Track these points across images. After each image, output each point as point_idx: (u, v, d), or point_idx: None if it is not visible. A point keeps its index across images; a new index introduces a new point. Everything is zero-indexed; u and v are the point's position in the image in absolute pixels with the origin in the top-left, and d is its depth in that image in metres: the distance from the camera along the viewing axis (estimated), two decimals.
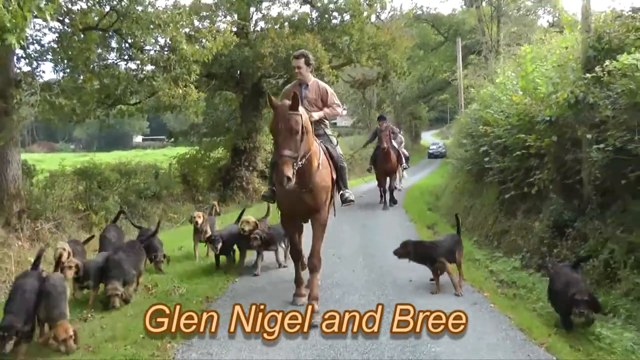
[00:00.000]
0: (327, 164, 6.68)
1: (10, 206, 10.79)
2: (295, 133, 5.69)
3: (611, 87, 7.35)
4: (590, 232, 7.76)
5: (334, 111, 7.23)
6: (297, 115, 5.73)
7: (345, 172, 7.17)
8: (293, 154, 5.65)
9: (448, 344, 4.97)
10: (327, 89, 7.23)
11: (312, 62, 7.27)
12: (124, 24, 11.31)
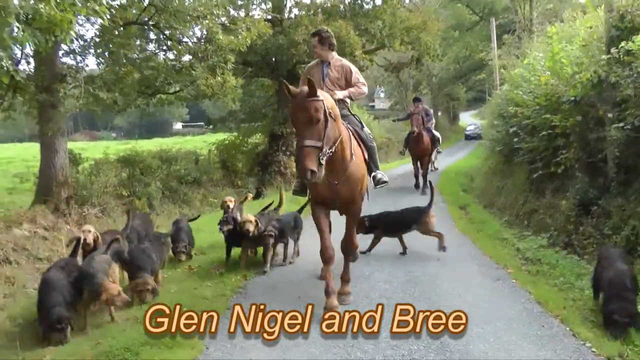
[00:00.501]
0: (358, 149, 6.24)
1: (58, 193, 11.35)
2: (317, 121, 5.16)
3: (632, 66, 7.54)
4: (614, 210, 7.98)
5: (359, 90, 6.78)
6: (317, 101, 5.19)
7: (375, 152, 6.79)
8: (316, 143, 5.13)
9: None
10: (350, 68, 6.84)
11: (328, 39, 6.73)
12: (162, 18, 11.79)
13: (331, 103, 5.51)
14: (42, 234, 10.10)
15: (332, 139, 5.36)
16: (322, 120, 5.19)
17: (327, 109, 5.26)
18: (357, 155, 6.08)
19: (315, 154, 5.09)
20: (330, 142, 5.33)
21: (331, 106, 5.44)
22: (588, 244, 8.14)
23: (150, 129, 66.09)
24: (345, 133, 5.85)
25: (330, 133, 5.30)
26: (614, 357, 4.40)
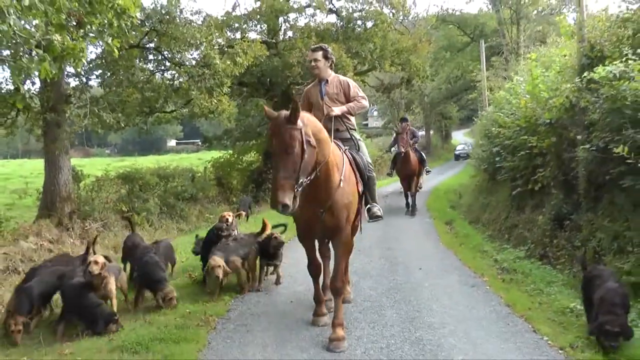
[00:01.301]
0: (352, 176, 5.87)
1: (62, 208, 11.94)
2: (292, 150, 4.80)
3: (598, 93, 8.20)
4: (584, 224, 8.58)
5: (358, 104, 6.40)
6: (294, 129, 4.80)
7: (373, 183, 6.40)
8: (290, 175, 4.81)
9: (441, 314, 5.98)
10: (349, 82, 6.54)
11: (331, 57, 6.56)
12: (163, 42, 12.48)
13: (315, 128, 5.17)
14: (47, 247, 10.65)
15: (309, 168, 5.05)
16: (299, 150, 4.83)
17: (305, 137, 4.88)
18: (348, 182, 5.72)
19: (289, 186, 4.79)
20: (307, 171, 5.02)
21: (315, 132, 5.12)
22: (560, 255, 8.73)
23: (144, 146, 66.58)
24: (335, 158, 5.55)
25: (308, 162, 4.96)
26: (565, 347, 5.01)
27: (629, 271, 6.72)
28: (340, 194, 5.53)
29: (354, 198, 5.82)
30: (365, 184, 6.21)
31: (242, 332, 5.78)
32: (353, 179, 5.88)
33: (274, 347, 5.37)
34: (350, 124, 6.55)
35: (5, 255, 9.47)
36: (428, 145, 54.00)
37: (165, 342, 5.35)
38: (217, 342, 5.51)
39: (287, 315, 6.41)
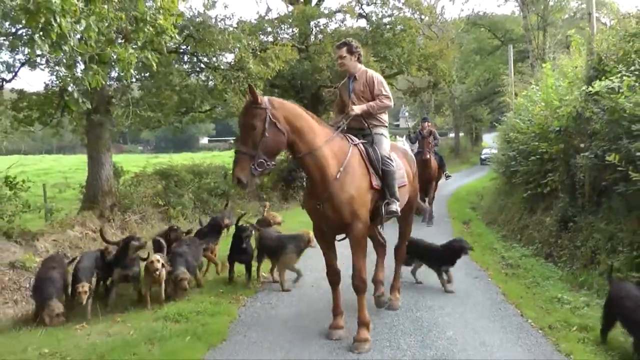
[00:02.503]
0: (359, 169, 5.66)
1: (103, 201, 12.87)
2: (252, 128, 5.04)
3: (600, 104, 8.88)
4: (585, 225, 9.27)
5: (379, 103, 6.15)
6: (257, 108, 5.09)
7: (392, 178, 5.88)
8: (249, 150, 5.02)
9: (441, 299, 6.79)
10: (374, 78, 6.26)
11: (357, 50, 6.32)
12: (199, 47, 13.41)
13: (289, 114, 5.32)
14: (91, 236, 11.59)
15: (273, 149, 5.19)
16: (260, 129, 5.04)
17: (272, 118, 5.10)
18: (352, 175, 5.57)
19: (246, 162, 4.99)
20: (270, 152, 5.15)
21: (289, 118, 5.28)
22: (563, 254, 9.43)
23: (177, 143, 67.62)
24: (332, 150, 5.52)
25: (270, 142, 5.10)
26: (545, 327, 5.81)
27: (619, 268, 7.36)
28: (339, 186, 5.41)
29: (360, 192, 5.56)
30: (382, 178, 5.84)
31: (268, 309, 6.73)
32: (360, 172, 5.65)
33: (295, 321, 6.28)
34: (374, 122, 6.26)
35: (54, 241, 10.42)
36: (457, 148, 54.34)
37: (202, 314, 6.32)
38: (245, 316, 6.48)
39: (308, 295, 7.29)
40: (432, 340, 5.59)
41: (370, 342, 5.48)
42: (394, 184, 5.87)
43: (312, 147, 5.37)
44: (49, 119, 12.94)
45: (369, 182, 5.68)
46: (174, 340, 5.55)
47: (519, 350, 5.26)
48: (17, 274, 8.49)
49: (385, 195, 5.83)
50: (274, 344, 5.59)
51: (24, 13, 5.12)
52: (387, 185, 5.83)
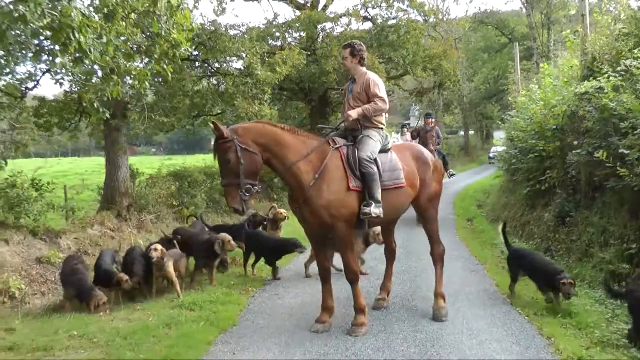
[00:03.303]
0: (337, 173, 5.90)
1: (121, 201, 13.39)
2: (228, 162, 5.52)
3: (592, 103, 9.28)
4: (580, 220, 9.70)
5: (374, 106, 6.19)
6: (225, 143, 5.53)
7: (371, 179, 5.92)
8: (232, 180, 5.54)
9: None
10: (370, 81, 6.30)
11: (359, 53, 6.42)
12: (210, 54, 13.94)
13: (256, 135, 5.71)
14: (110, 234, 12.14)
15: (253, 171, 5.64)
16: (234, 159, 5.50)
17: (241, 146, 5.54)
18: (329, 179, 5.85)
19: (234, 191, 5.52)
20: (252, 174, 5.63)
21: (256, 139, 5.68)
22: (560, 248, 9.86)
23: (189, 145, 68.16)
24: (305, 159, 5.83)
25: (248, 167, 5.56)
26: (531, 315, 6.29)
27: (610, 260, 7.82)
28: (315, 193, 5.76)
29: (337, 195, 5.82)
30: (362, 181, 5.97)
31: (275, 300, 7.28)
32: (338, 176, 5.89)
33: (299, 309, 6.84)
34: (366, 124, 6.32)
35: (76, 239, 10.96)
36: (466, 146, 54.55)
37: (215, 304, 6.91)
38: (254, 305, 7.06)
39: (312, 287, 7.75)
40: (424, 325, 6.10)
41: (366, 327, 5.94)
42: (372, 185, 5.91)
43: (285, 162, 5.80)
44: (68, 124, 13.46)
45: (346, 184, 5.87)
46: (190, 325, 6.13)
47: (504, 334, 5.72)
48: (44, 269, 9.04)
49: (364, 197, 5.94)
50: (279, 329, 6.13)
51: (49, 30, 5.65)
52: (367, 187, 5.93)
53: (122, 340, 5.76)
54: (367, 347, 5.52)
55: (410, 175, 6.44)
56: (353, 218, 5.90)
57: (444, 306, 6.41)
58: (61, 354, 5.56)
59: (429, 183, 6.66)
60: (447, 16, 39.15)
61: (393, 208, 6.26)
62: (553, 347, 5.32)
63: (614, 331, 5.71)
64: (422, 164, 6.68)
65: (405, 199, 6.43)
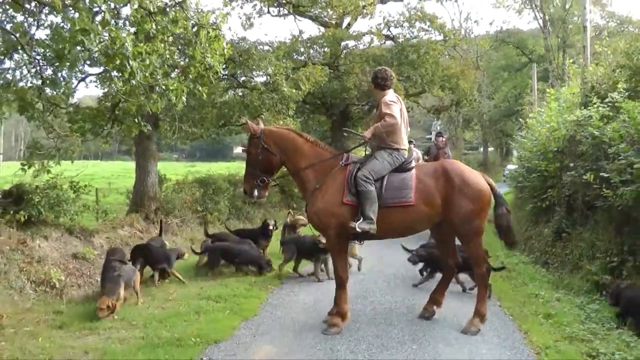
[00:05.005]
0: (333, 185, 6.55)
1: (149, 205, 14.23)
2: (250, 154, 6.75)
3: (586, 129, 10.09)
4: (575, 236, 10.51)
5: (383, 123, 6.48)
6: (253, 138, 6.76)
7: (365, 197, 6.33)
8: (252, 170, 6.74)
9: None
10: (381, 102, 6.69)
11: (375, 80, 6.89)
12: (238, 69, 14.94)
13: (278, 140, 6.75)
14: (138, 235, 13.05)
15: (269, 168, 6.80)
16: (255, 154, 6.72)
17: (264, 145, 6.68)
18: (326, 191, 6.53)
19: (250, 177, 6.81)
20: (268, 170, 6.80)
21: (278, 143, 6.74)
22: (555, 261, 10.67)
23: (211, 152, 68.99)
24: (313, 168, 6.67)
25: (265, 162, 6.72)
26: (515, 314, 7.22)
27: (595, 272, 8.62)
28: (312, 199, 6.62)
29: (329, 205, 6.48)
30: (357, 197, 6.43)
31: (291, 296, 8.24)
32: (335, 189, 6.52)
33: (312, 304, 7.78)
34: (382, 144, 6.70)
35: (107, 238, 11.87)
36: (485, 162, 55.10)
37: (238, 297, 7.91)
38: (273, 299, 8.02)
39: (325, 286, 8.62)
40: (419, 321, 7.03)
41: (338, 328, 6.52)
42: (365, 203, 6.29)
43: (296, 167, 6.79)
44: (100, 130, 14.39)
45: (341, 197, 6.44)
46: (216, 313, 7.13)
47: (487, 329, 6.60)
48: (79, 264, 9.91)
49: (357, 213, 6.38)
50: (294, 319, 7.07)
51: (104, 57, 6.61)
52: (361, 205, 6.35)
53: (158, 323, 6.75)
54: (367, 334, 6.46)
55: (425, 193, 6.51)
56: (343, 228, 6.43)
57: (478, 325, 6.54)
58: (105, 332, 6.54)
59: (456, 201, 6.51)
60: (470, 34, 40.12)
61: (399, 224, 6.57)
62: (527, 340, 6.25)
63: (583, 329, 6.59)
64: (445, 182, 6.59)
65: (416, 216, 6.52)
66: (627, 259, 8.16)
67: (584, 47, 12.11)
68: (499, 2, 38.54)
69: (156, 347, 5.90)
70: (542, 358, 5.71)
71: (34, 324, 6.88)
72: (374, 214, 6.31)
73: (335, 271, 6.75)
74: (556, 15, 33.36)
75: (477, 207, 6.68)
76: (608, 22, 35.83)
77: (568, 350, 5.84)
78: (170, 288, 8.67)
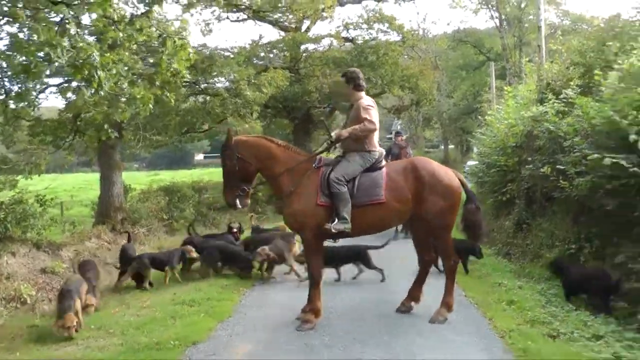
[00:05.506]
0: (308, 187, 6.71)
1: (115, 215, 14.18)
2: (226, 166, 6.81)
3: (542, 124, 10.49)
4: (535, 227, 10.91)
5: (362, 127, 6.61)
6: (225, 150, 6.81)
7: (338, 198, 6.53)
8: (228, 182, 6.84)
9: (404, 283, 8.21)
10: (360, 105, 6.74)
11: (352, 80, 6.92)
12: (200, 76, 15.02)
13: (252, 149, 6.83)
14: (106, 246, 13.02)
15: (246, 177, 6.88)
16: (232, 163, 6.75)
17: (239, 155, 6.74)
18: (301, 193, 6.71)
19: (229, 188, 6.86)
20: (246, 179, 6.88)
21: (253, 152, 6.81)
22: (517, 251, 11.06)
23: (172, 160, 68.09)
24: (288, 172, 6.77)
25: (242, 172, 6.79)
26: (480, 302, 7.58)
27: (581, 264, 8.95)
28: (287, 202, 6.79)
29: (304, 206, 6.67)
30: (330, 199, 6.61)
31: (263, 297, 8.40)
32: (309, 191, 6.70)
33: (285, 303, 7.88)
34: (352, 147, 6.86)
35: (75, 251, 11.81)
36: (446, 160, 55.74)
37: (211, 300, 8.01)
38: (246, 301, 8.19)
39: (298, 289, 8.66)
40: (391, 311, 7.34)
41: (312, 325, 6.72)
42: (339, 204, 6.50)
43: (272, 173, 6.87)
44: (62, 142, 14.27)
45: (315, 199, 6.63)
46: (192, 317, 7.25)
47: (454, 317, 6.89)
48: (49, 278, 9.88)
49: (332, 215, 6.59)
50: (268, 318, 7.25)
51: (71, 68, 6.69)
52: (334, 205, 6.55)
53: (135, 330, 6.84)
54: (340, 329, 6.69)
55: (395, 191, 6.69)
56: (318, 229, 6.62)
57: (445, 314, 6.83)
58: (83, 342, 6.62)
59: (426, 197, 6.68)
60: (428, 34, 40.65)
61: (373, 222, 6.79)
62: (492, 325, 6.58)
63: (544, 312, 6.98)
64: (414, 179, 6.74)
65: (388, 213, 6.74)
66: (584, 246, 8.62)
67: (539, 46, 12.55)
68: (455, 3, 39.10)
69: (137, 352, 6.01)
70: (506, 340, 6.01)
71: (9, 340, 6.97)
72: (348, 214, 6.52)
73: (310, 271, 6.96)
74: (512, 15, 34.09)
75: (448, 203, 6.81)
76: (563, 20, 36.70)
77: (530, 332, 6.19)
78: (143, 296, 8.77)
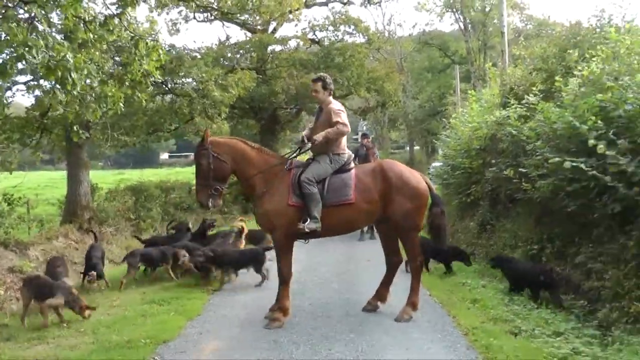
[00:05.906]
0: (280, 188, 6.88)
1: (82, 214, 14.09)
2: (201, 165, 6.82)
3: (505, 128, 10.76)
4: (498, 227, 11.19)
5: (336, 130, 6.85)
6: (202, 149, 6.83)
7: (309, 199, 6.74)
8: (203, 181, 6.84)
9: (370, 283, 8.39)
10: (332, 108, 6.99)
11: (329, 86, 7.15)
12: (169, 78, 15.03)
13: (229, 149, 6.95)
14: (74, 246, 12.97)
15: (221, 177, 6.93)
16: (207, 163, 6.80)
17: (214, 154, 6.82)
18: (274, 193, 6.87)
19: (202, 188, 6.89)
20: (220, 179, 6.92)
21: (228, 152, 6.92)
22: (481, 252, 11.31)
23: (137, 159, 67.35)
24: (262, 173, 6.91)
25: (217, 172, 6.85)
26: (444, 301, 7.79)
27: (518, 259, 9.27)
28: (259, 202, 6.92)
29: (276, 207, 6.84)
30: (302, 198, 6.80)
31: (232, 296, 8.50)
32: (281, 192, 6.88)
33: (253, 302, 8.06)
34: (322, 150, 7.03)
35: (43, 250, 11.76)
36: (412, 161, 56.26)
37: (180, 299, 8.12)
38: (215, 300, 8.29)
39: (266, 289, 8.80)
40: (357, 311, 7.49)
41: (280, 323, 6.86)
42: (310, 204, 6.69)
43: (246, 174, 6.99)
44: (29, 140, 14.14)
45: (287, 199, 6.81)
46: (162, 316, 7.37)
47: (419, 315, 7.11)
48: (17, 277, 9.86)
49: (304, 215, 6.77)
50: (237, 317, 7.39)
51: (44, 69, 6.68)
52: (306, 206, 6.75)
53: (106, 329, 6.91)
54: (307, 327, 6.85)
55: (364, 192, 6.89)
56: (289, 228, 6.82)
57: (410, 313, 7.03)
58: (54, 340, 6.65)
59: (394, 198, 6.88)
60: (393, 36, 41.03)
61: (343, 221, 6.96)
62: (455, 323, 6.80)
63: (507, 310, 7.20)
64: (382, 181, 6.95)
65: (357, 213, 6.94)
66: (546, 246, 8.89)
67: (502, 51, 12.86)
68: (420, 6, 39.61)
69: (108, 350, 6.08)
70: (470, 338, 6.22)
71: None
72: (319, 214, 6.72)
73: (280, 270, 7.05)
74: (477, 19, 34.63)
75: (415, 205, 7.01)
76: (527, 24, 37.43)
77: (493, 330, 6.41)
78: (112, 295, 8.76)
